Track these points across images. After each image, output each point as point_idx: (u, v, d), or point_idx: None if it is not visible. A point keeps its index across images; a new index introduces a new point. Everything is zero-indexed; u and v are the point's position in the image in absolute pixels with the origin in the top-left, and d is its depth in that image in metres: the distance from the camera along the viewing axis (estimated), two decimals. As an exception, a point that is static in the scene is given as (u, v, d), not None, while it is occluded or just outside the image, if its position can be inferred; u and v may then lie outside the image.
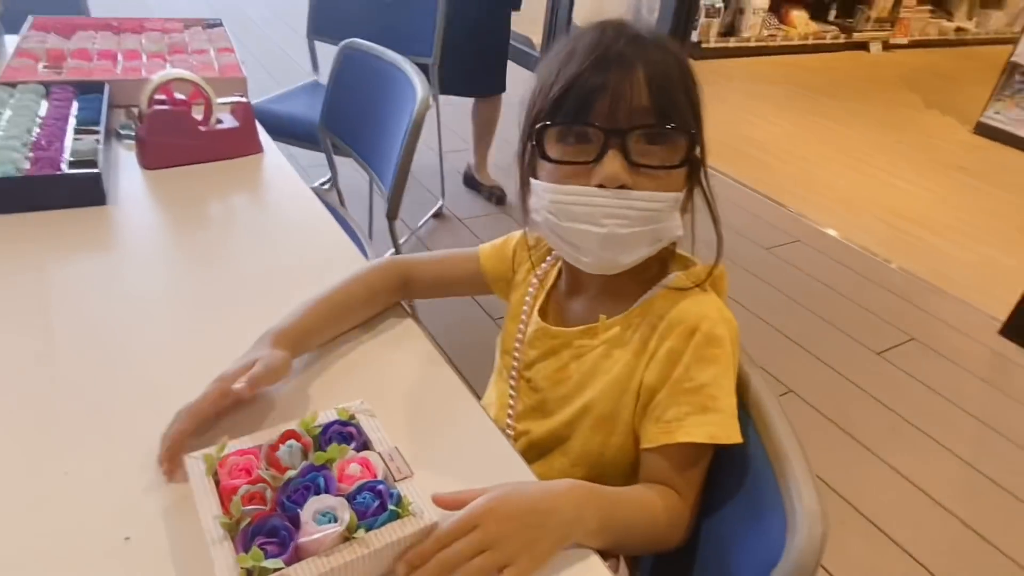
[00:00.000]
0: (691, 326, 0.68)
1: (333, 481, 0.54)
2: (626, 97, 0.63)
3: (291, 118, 2.07)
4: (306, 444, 0.58)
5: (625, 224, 0.65)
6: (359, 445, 0.59)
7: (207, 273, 0.90)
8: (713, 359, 0.68)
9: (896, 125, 4.13)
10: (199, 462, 0.57)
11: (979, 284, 2.57)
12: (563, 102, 0.64)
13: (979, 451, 1.80)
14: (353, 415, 0.62)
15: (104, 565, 0.53)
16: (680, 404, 0.67)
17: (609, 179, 0.64)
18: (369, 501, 0.53)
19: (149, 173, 1.11)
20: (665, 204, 0.66)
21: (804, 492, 0.59)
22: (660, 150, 0.65)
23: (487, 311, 2.09)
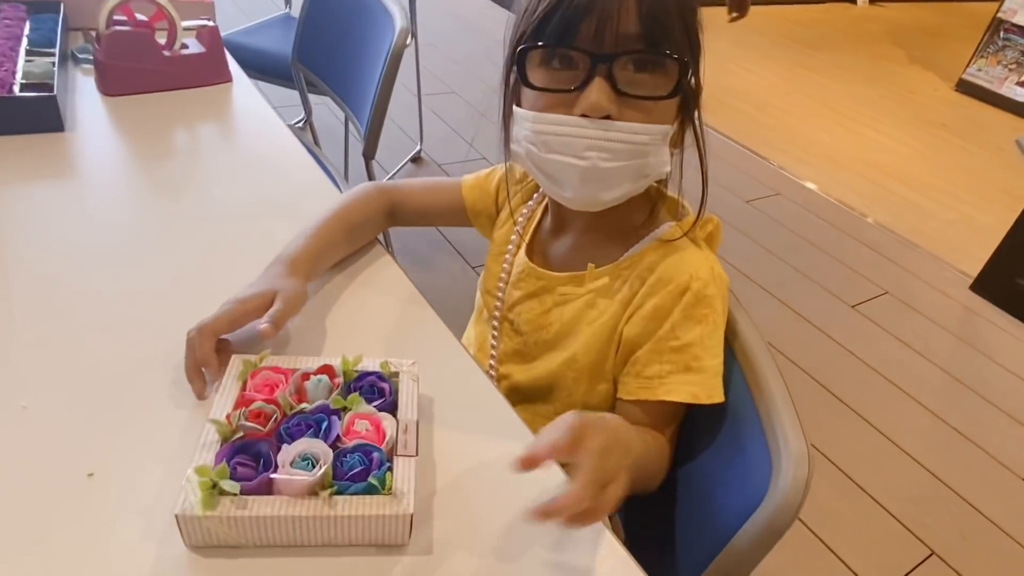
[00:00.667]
0: (682, 285, 0.66)
1: (336, 430, 0.52)
2: (614, 19, 0.58)
3: (262, 53, 1.97)
4: (335, 384, 0.56)
5: (608, 157, 0.61)
6: (385, 405, 0.56)
7: (174, 205, 0.85)
8: (701, 319, 0.66)
9: (880, 80, 4.10)
10: (239, 363, 0.58)
11: (953, 240, 2.59)
12: (547, 23, 0.59)
13: (947, 403, 1.84)
14: (395, 373, 0.59)
15: (67, 502, 0.50)
16: (663, 362, 0.66)
17: (593, 108, 0.59)
18: (355, 463, 0.50)
19: (110, 100, 1.05)
20: (652, 137, 0.61)
21: (790, 434, 0.58)
22: (649, 78, 0.60)
23: (465, 258, 2.06)
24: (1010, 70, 3.87)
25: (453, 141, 2.70)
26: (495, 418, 0.62)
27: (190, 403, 0.59)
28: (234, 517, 0.47)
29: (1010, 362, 2.02)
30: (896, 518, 1.51)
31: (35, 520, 0.49)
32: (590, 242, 0.73)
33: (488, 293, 0.81)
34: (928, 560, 1.43)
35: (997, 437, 1.76)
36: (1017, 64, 3.85)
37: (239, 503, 0.47)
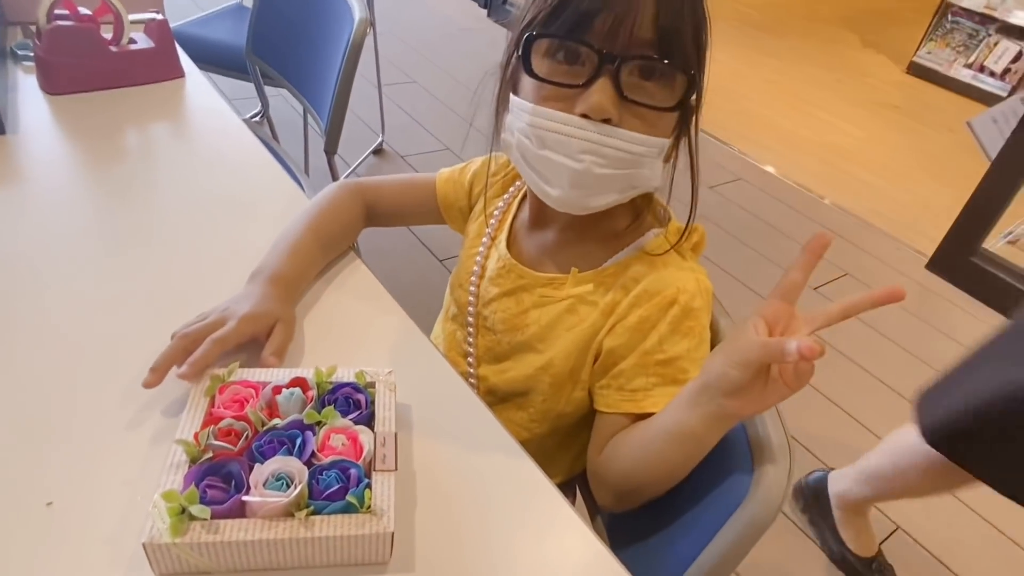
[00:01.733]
0: (668, 297, 0.65)
1: (311, 445, 0.50)
2: (629, 21, 0.55)
3: (214, 44, 1.90)
4: (309, 397, 0.54)
5: (602, 163, 0.59)
6: (361, 417, 0.53)
7: (127, 209, 0.81)
8: (687, 332, 0.65)
9: (834, 64, 4.17)
10: (205, 378, 0.55)
11: (909, 220, 2.66)
12: (559, 13, 0.57)
13: (907, 380, 1.89)
14: (371, 383, 0.57)
15: (27, 533, 0.47)
16: (649, 375, 0.65)
17: (595, 109, 0.57)
18: (332, 481, 0.48)
19: (54, 99, 0.99)
20: (648, 149, 0.60)
21: (771, 429, 0.58)
22: (655, 88, 0.58)
23: (433, 252, 2.04)
24: (958, 52, 3.98)
25: (415, 132, 2.66)
26: (475, 424, 0.61)
27: (155, 422, 0.56)
28: (205, 543, 0.44)
29: (966, 338, 2.08)
30: (862, 495, 1.55)
31: (-9, 555, 0.46)
32: (570, 242, 0.71)
33: (460, 288, 0.79)
34: (894, 534, 1.47)
35: (955, 412, 1.81)
36: (964, 47, 3.95)
37: (210, 528, 0.45)
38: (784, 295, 0.53)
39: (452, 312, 0.81)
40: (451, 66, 3.22)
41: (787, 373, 0.51)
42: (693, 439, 0.57)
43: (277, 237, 0.73)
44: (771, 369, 0.51)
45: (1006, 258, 2.27)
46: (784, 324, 0.52)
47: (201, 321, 0.61)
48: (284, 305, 0.66)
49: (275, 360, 0.60)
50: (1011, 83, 3.77)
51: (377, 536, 0.47)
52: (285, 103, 2.42)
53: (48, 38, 0.97)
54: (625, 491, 0.66)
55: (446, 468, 0.56)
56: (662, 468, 0.61)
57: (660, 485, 0.63)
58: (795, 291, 0.53)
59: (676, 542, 0.63)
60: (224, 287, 0.67)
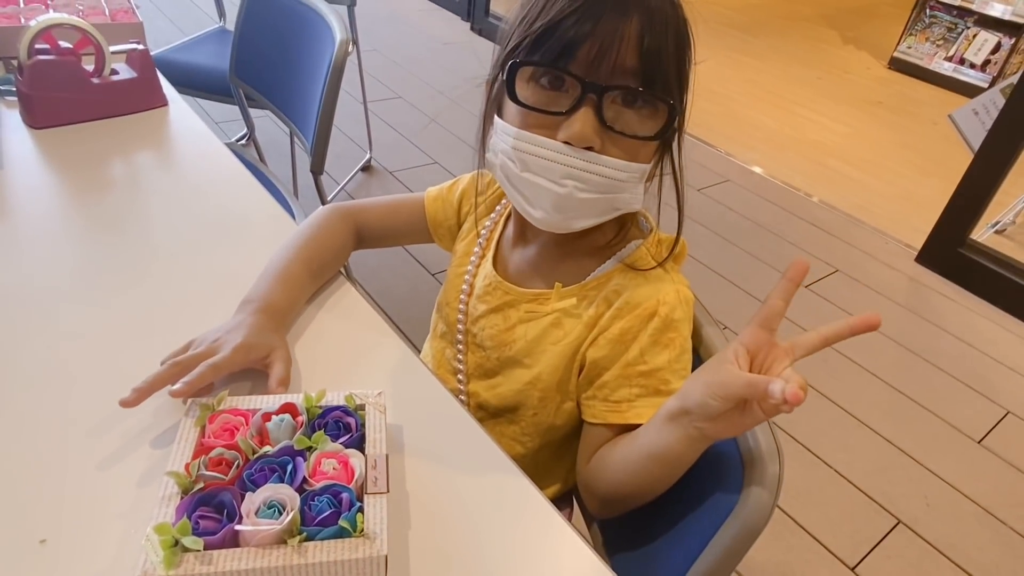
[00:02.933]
0: (649, 309, 0.66)
1: (302, 471, 0.50)
2: (613, 50, 0.56)
3: (198, 69, 1.91)
4: (299, 422, 0.54)
5: (584, 188, 0.60)
6: (352, 441, 0.54)
7: (115, 241, 0.82)
8: (668, 343, 0.66)
9: (816, 62, 4.20)
10: (195, 408, 0.55)
11: (896, 215, 2.68)
12: (543, 41, 0.57)
13: (901, 374, 1.90)
14: (361, 405, 0.57)
15: (21, 571, 0.47)
16: (632, 386, 0.66)
17: (576, 138, 0.58)
18: (324, 507, 0.48)
19: (38, 133, 0.99)
20: (630, 175, 0.61)
21: (759, 433, 0.59)
22: (636, 117, 0.59)
23: (425, 266, 2.04)
24: (938, 46, 4.02)
25: (403, 147, 2.67)
26: (467, 442, 0.61)
27: (147, 454, 0.56)
28: (200, 574, 0.45)
29: (958, 329, 2.10)
30: (861, 490, 1.55)
31: (-14, 596, 0.46)
32: (554, 257, 0.72)
33: (448, 306, 0.80)
34: (895, 529, 1.48)
35: (951, 403, 1.82)
36: (944, 40, 3.99)
37: (204, 559, 0.45)
38: (764, 323, 0.53)
39: (441, 330, 0.81)
40: (436, 80, 3.23)
41: (767, 406, 0.51)
42: (672, 456, 0.58)
43: (266, 264, 0.73)
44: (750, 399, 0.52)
45: (994, 248, 2.29)
46: (765, 353, 0.53)
47: (193, 350, 0.62)
48: (276, 335, 0.66)
49: (283, 390, 0.60)
50: (991, 74, 3.81)
51: (371, 559, 0.47)
52: (272, 124, 2.43)
53: (30, 73, 0.97)
54: (611, 500, 0.68)
55: (439, 487, 0.57)
56: (644, 482, 0.62)
57: (644, 496, 0.64)
58: (775, 319, 0.53)
59: (671, 549, 0.64)
60: (215, 314, 0.67)
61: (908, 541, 1.46)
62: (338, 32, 1.26)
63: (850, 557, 1.41)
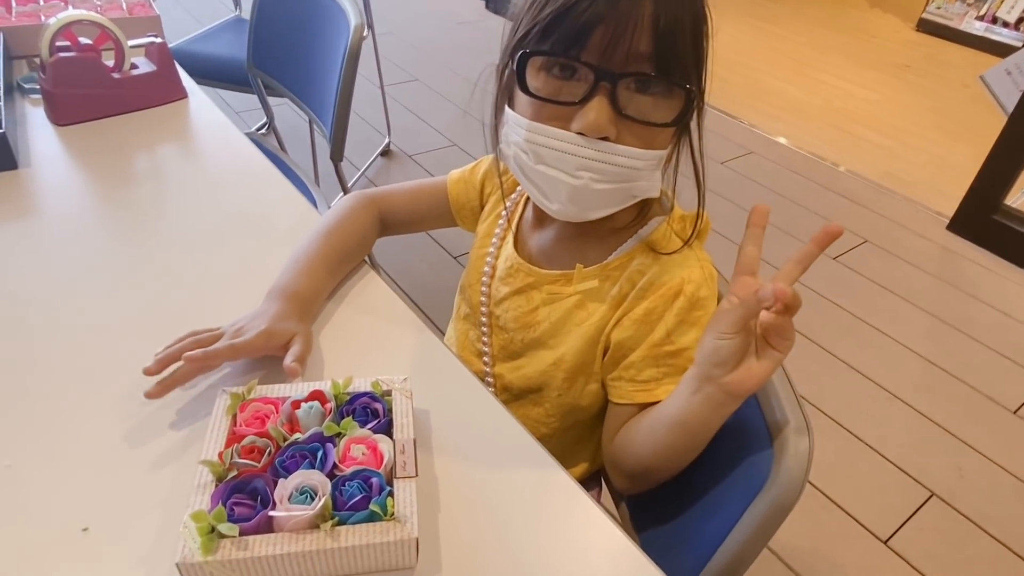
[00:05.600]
0: (674, 289, 0.65)
1: (332, 457, 0.51)
2: (627, 35, 0.53)
3: (216, 59, 1.92)
4: (327, 409, 0.55)
5: (600, 179, 0.58)
6: (380, 426, 0.54)
7: (141, 233, 0.83)
8: (695, 321, 0.65)
9: (840, 27, 4.09)
10: (226, 397, 0.56)
11: (927, 182, 2.61)
12: (555, 28, 0.55)
13: (934, 345, 1.87)
14: (387, 391, 0.57)
15: (63, 559, 0.49)
16: (659, 366, 0.65)
17: (591, 128, 0.56)
18: (355, 492, 0.48)
19: (62, 130, 1.01)
20: (647, 163, 0.59)
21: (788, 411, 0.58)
22: (653, 103, 0.57)
23: (447, 249, 2.04)
24: (969, 5, 3.88)
25: (422, 130, 2.66)
26: (493, 425, 0.62)
27: (181, 443, 0.58)
28: (236, 560, 0.46)
29: (992, 298, 2.05)
30: (894, 463, 1.54)
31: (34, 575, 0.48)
32: (574, 239, 0.71)
33: (470, 288, 0.80)
34: (929, 502, 1.46)
35: (985, 373, 1.78)
36: (975, -2, 3.86)
37: (239, 544, 0.46)
38: (745, 270, 0.55)
39: (464, 312, 0.81)
40: (452, 61, 3.21)
41: (771, 334, 0.53)
42: (696, 422, 0.58)
43: (292, 253, 0.74)
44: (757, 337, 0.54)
45: (1029, 213, 2.22)
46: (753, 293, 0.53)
47: (216, 334, 0.63)
48: (301, 323, 0.66)
49: (297, 367, 0.61)
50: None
51: (402, 543, 0.47)
52: (291, 112, 2.43)
53: (52, 70, 0.98)
54: (638, 474, 0.68)
55: (466, 470, 0.57)
56: (670, 453, 0.62)
57: (671, 468, 0.64)
58: (753, 263, 0.55)
59: (700, 527, 0.64)
60: (239, 303, 0.68)
61: (942, 513, 1.44)
62: (352, 17, 1.25)
63: (883, 531, 1.40)
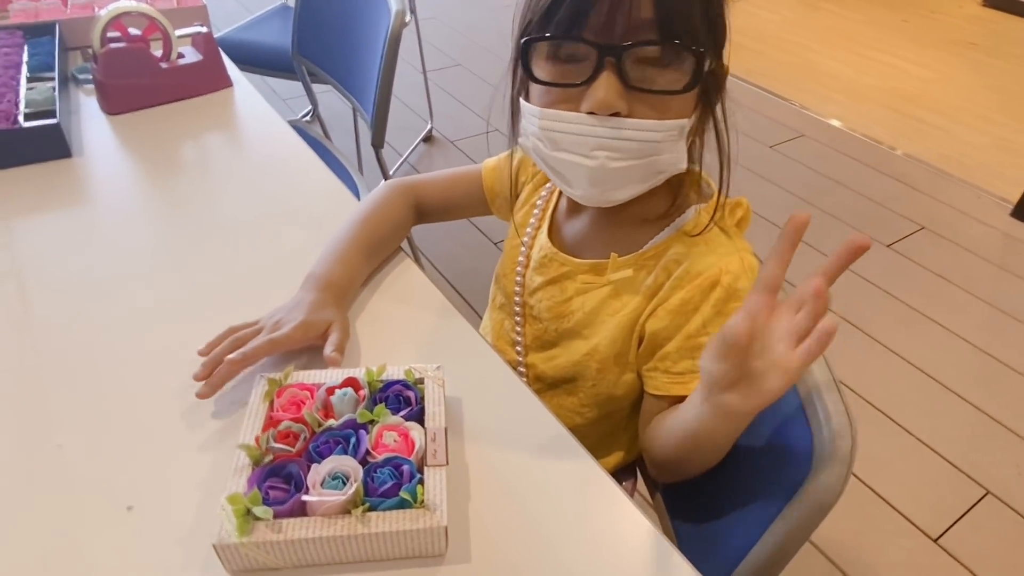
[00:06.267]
0: (711, 279, 0.63)
1: (364, 444, 0.51)
2: (624, 6, 0.53)
3: (262, 47, 1.95)
4: (361, 396, 0.56)
5: (617, 157, 0.57)
6: (412, 414, 0.55)
7: (188, 221, 0.85)
8: (732, 314, 0.61)
9: (900, 4, 3.91)
10: (264, 383, 0.57)
11: (990, 166, 2.49)
12: (554, 12, 0.54)
13: (992, 336, 1.78)
14: (420, 380, 0.58)
15: (108, 537, 0.51)
16: (694, 358, 0.63)
17: (600, 105, 0.55)
18: (386, 478, 0.49)
19: (114, 119, 1.04)
20: (665, 135, 0.57)
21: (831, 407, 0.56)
22: (662, 72, 0.55)
23: (488, 235, 2.04)
24: (1041, -23, 3.66)
25: (464, 116, 2.66)
26: (525, 414, 0.62)
27: (220, 427, 0.59)
28: (270, 542, 0.47)
29: (1058, 288, 1.95)
30: (947, 459, 1.48)
31: (77, 555, 0.50)
32: (609, 228, 0.70)
33: (505, 277, 0.79)
34: (984, 500, 1.40)
35: (1048, 368, 1.70)
36: (1048, -30, 3.63)
37: (274, 527, 0.47)
38: (763, 287, 0.50)
39: (499, 302, 0.81)
40: (494, 45, 3.19)
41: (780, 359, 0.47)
42: (706, 432, 0.56)
43: (328, 241, 0.75)
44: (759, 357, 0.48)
45: (1102, 199, 2.10)
46: (767, 313, 0.49)
47: (255, 329, 0.64)
48: (336, 310, 0.67)
49: (337, 356, 0.62)
50: (1104, 5, 3.45)
51: (431, 530, 0.48)
52: (336, 99, 2.45)
53: (104, 61, 1.01)
54: (664, 467, 0.67)
55: (498, 459, 0.57)
56: (691, 454, 0.61)
57: (696, 466, 0.63)
58: (775, 282, 0.50)
59: (738, 520, 0.62)
60: (281, 290, 0.70)
61: (998, 512, 1.38)
62: (394, 2, 1.25)
63: (933, 528, 1.35)
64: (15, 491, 0.54)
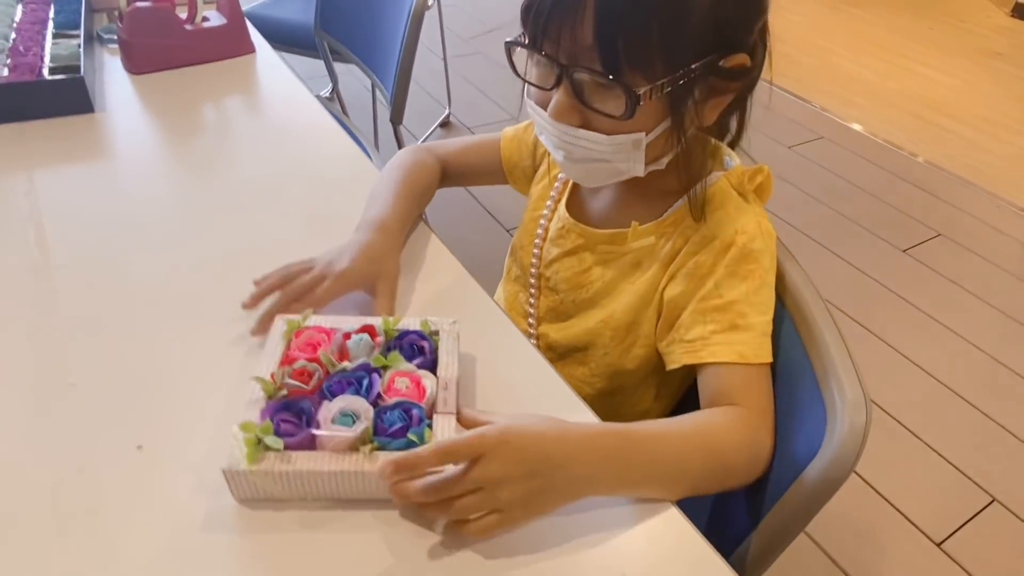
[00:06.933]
0: (726, 240, 0.62)
1: (376, 387, 0.52)
2: (570, 28, 0.54)
3: (285, 23, 1.95)
4: (377, 342, 0.57)
5: (571, 159, 0.61)
6: (425, 363, 0.56)
7: (205, 180, 0.85)
8: (747, 275, 0.61)
9: (928, 10, 3.87)
10: (283, 323, 0.58)
11: (1011, 176, 2.46)
12: (526, 20, 0.58)
13: (1005, 345, 1.76)
14: (435, 331, 0.59)
15: (118, 475, 0.51)
16: (707, 322, 0.61)
17: (554, 114, 0.58)
18: (395, 420, 0.50)
19: (137, 78, 1.05)
20: (615, 148, 0.58)
21: (846, 383, 0.56)
22: (606, 94, 0.56)
23: (500, 222, 2.04)
24: (1072, -10, 3.62)
25: (482, 103, 2.66)
26: (536, 378, 0.61)
27: (236, 368, 0.59)
28: (279, 472, 0.47)
29: (1075, 301, 1.92)
30: (954, 465, 1.47)
31: (89, 490, 0.50)
32: (629, 199, 0.70)
33: (522, 249, 0.79)
34: (989, 507, 1.39)
35: (1062, 379, 1.68)
36: (1080, -17, 3.59)
37: (283, 458, 0.48)
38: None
39: (515, 274, 0.81)
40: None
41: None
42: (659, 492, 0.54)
43: (372, 191, 0.76)
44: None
45: (1125, 213, 2.07)
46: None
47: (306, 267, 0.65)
48: (389, 255, 0.68)
49: (390, 307, 0.64)
50: None
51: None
52: (355, 80, 2.46)
53: (129, 20, 1.02)
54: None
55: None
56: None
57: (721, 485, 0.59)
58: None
59: (745, 497, 0.62)
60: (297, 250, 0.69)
61: (1003, 520, 1.37)
62: (418, -20, 1.25)
63: (936, 533, 1.34)
64: (27, 425, 0.55)
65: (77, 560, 0.46)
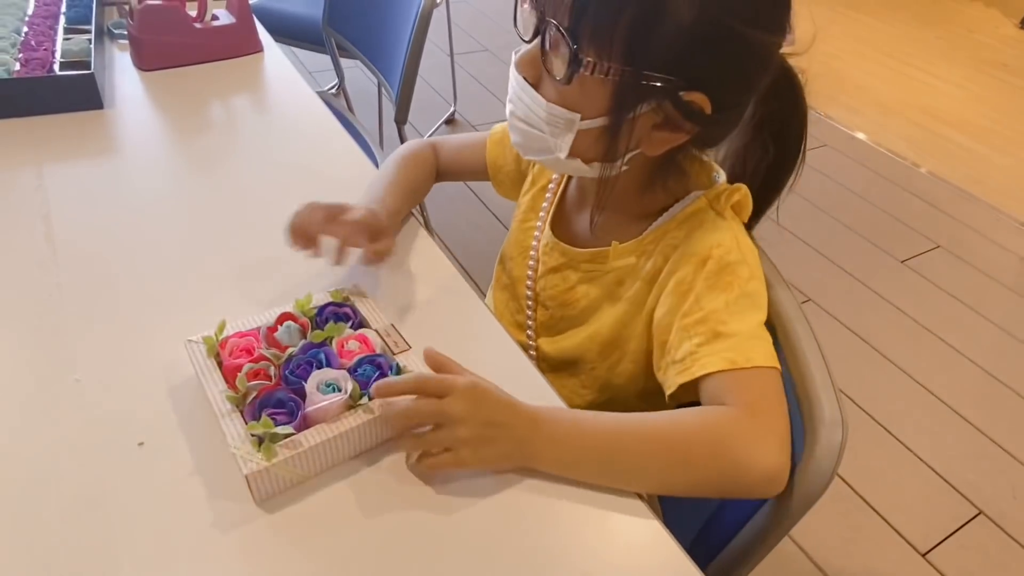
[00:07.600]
0: (703, 256, 0.62)
1: (334, 356, 0.55)
2: None
3: (293, 18, 1.96)
4: (303, 324, 0.59)
5: (517, 116, 0.63)
6: (356, 324, 0.61)
7: (212, 178, 0.87)
8: (725, 287, 0.60)
9: (935, 19, 3.87)
10: (199, 345, 0.57)
11: (1013, 189, 2.47)
12: None
13: (999, 359, 1.78)
14: (347, 296, 0.63)
15: (119, 471, 0.53)
16: (692, 336, 0.60)
17: (518, 59, 0.60)
18: (370, 372, 0.55)
19: (146, 75, 1.06)
20: (549, 117, 0.59)
21: (824, 401, 0.57)
22: (560, 55, 0.55)
23: (499, 218, 2.06)
24: (1082, 3, 3.61)
25: (487, 101, 2.67)
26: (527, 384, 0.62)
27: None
28: (296, 455, 0.50)
29: (1070, 316, 1.94)
30: (942, 476, 1.48)
31: (91, 485, 0.52)
32: (612, 218, 0.69)
33: (512, 260, 0.80)
34: (975, 519, 1.41)
35: (1053, 394, 1.70)
36: (1090, -4, 3.58)
37: (293, 443, 0.50)
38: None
39: (504, 282, 0.82)
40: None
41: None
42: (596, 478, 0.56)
43: (367, 185, 0.79)
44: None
45: (1123, 230, 2.08)
46: None
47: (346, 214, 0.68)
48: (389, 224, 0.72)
49: (376, 257, 0.68)
50: None
51: None
52: (362, 75, 2.47)
53: (140, 17, 1.03)
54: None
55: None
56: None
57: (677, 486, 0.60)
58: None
59: (725, 508, 0.64)
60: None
61: (989, 533, 1.39)
62: (427, -19, 1.26)
63: (921, 543, 1.36)
64: (31, 420, 0.56)
65: (79, 555, 0.48)
